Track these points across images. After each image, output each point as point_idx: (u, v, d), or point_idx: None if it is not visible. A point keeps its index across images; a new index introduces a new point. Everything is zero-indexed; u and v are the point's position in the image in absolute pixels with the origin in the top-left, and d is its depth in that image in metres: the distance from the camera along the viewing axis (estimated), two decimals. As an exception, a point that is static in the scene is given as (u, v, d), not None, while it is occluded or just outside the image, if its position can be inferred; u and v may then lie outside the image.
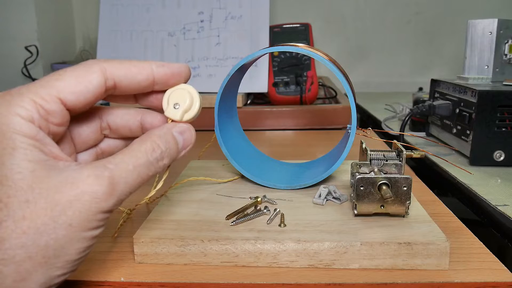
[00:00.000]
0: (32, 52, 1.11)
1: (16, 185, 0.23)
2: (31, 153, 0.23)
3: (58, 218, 0.23)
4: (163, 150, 0.27)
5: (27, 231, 0.23)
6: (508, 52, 0.65)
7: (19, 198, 0.23)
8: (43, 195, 0.23)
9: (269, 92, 0.86)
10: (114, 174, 0.24)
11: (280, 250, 0.33)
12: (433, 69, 1.35)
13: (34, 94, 0.24)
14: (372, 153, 0.39)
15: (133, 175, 0.25)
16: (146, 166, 0.26)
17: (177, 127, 0.29)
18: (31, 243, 0.23)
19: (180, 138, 0.29)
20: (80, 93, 0.26)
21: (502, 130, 0.55)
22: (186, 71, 0.29)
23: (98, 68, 0.26)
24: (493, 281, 0.31)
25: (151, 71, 0.28)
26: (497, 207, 0.44)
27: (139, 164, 0.26)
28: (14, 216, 0.22)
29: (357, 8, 1.34)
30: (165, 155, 0.27)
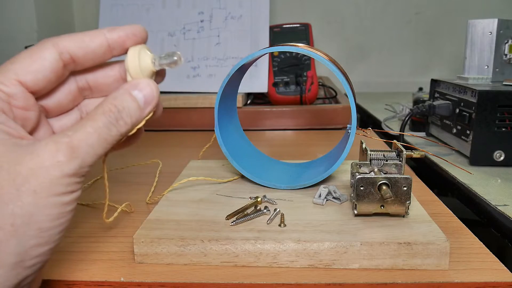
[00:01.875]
0: (32, 52, 1.11)
1: None
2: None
3: (21, 186, 0.23)
4: (120, 109, 0.27)
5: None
6: (508, 52, 0.65)
7: None
8: (5, 168, 0.23)
9: (269, 92, 0.86)
10: (73, 138, 0.25)
11: (280, 250, 0.33)
12: (433, 69, 1.35)
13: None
14: (372, 153, 0.39)
15: (94, 136, 0.25)
16: (106, 127, 0.26)
17: (133, 85, 0.28)
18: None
19: (139, 95, 0.28)
20: (36, 72, 0.26)
21: (502, 130, 0.55)
22: (141, 30, 0.29)
23: (50, 45, 0.27)
24: (493, 281, 0.31)
25: (103, 37, 0.28)
26: (497, 207, 0.44)
27: (98, 126, 0.26)
28: None
29: (357, 8, 1.34)
30: (124, 114, 0.27)
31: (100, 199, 0.47)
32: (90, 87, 0.31)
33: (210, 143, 0.52)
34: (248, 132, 0.52)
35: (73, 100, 0.31)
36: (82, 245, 0.37)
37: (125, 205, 0.43)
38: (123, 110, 0.27)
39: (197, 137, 0.75)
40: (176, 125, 0.81)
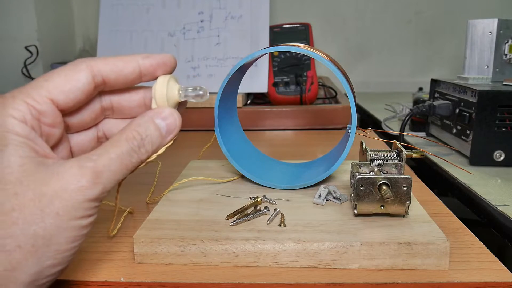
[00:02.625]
0: (32, 52, 1.11)
1: (5, 179, 0.24)
2: (21, 150, 0.24)
3: (46, 208, 0.24)
4: (143, 137, 0.28)
5: (16, 222, 0.23)
6: (508, 52, 0.65)
7: (7, 192, 0.23)
8: (31, 188, 0.24)
9: (269, 92, 0.86)
10: (97, 164, 0.25)
11: (280, 250, 0.33)
12: (433, 69, 1.35)
13: (26, 96, 0.25)
14: (372, 153, 0.39)
15: (116, 163, 0.26)
16: (128, 154, 0.27)
17: (157, 113, 0.29)
18: (20, 232, 0.23)
19: (162, 124, 0.29)
20: (69, 92, 0.27)
21: (502, 130, 0.55)
22: (171, 60, 0.30)
23: (85, 66, 0.27)
24: (493, 281, 0.31)
25: (136, 64, 0.29)
26: (497, 207, 0.44)
27: (121, 152, 0.27)
28: (3, 208, 0.23)
29: (357, 8, 1.34)
30: (146, 142, 0.28)
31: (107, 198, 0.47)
32: (113, 108, 0.32)
33: (210, 143, 0.52)
34: (248, 132, 0.52)
35: (95, 119, 0.31)
36: (82, 245, 0.37)
37: (127, 212, 0.43)
38: (146, 138, 0.28)
39: (197, 137, 0.75)
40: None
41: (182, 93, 0.31)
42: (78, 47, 1.34)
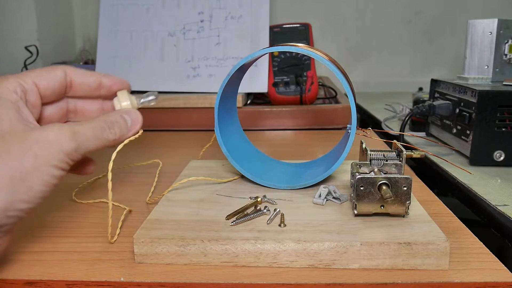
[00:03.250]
0: (32, 52, 1.11)
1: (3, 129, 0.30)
2: (11, 111, 0.31)
3: (26, 150, 0.29)
4: (113, 122, 0.35)
5: (0, 156, 0.28)
6: (508, 52, 0.65)
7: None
8: (16, 135, 0.30)
9: (269, 92, 0.86)
10: (75, 128, 0.32)
11: (280, 250, 0.33)
12: (433, 69, 1.35)
13: (17, 78, 0.33)
14: (372, 153, 0.39)
15: (90, 132, 0.33)
16: (101, 128, 0.34)
17: (124, 110, 0.37)
18: (3, 165, 0.28)
19: (127, 118, 0.36)
20: (48, 80, 0.35)
21: (502, 130, 0.55)
22: (127, 83, 0.39)
23: (60, 68, 0.36)
24: (493, 281, 0.31)
25: (99, 77, 0.38)
26: (497, 207, 0.44)
27: (95, 126, 0.33)
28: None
29: (357, 8, 1.34)
30: (115, 126, 0.35)
31: (100, 198, 0.47)
32: (76, 111, 0.39)
33: (210, 143, 0.52)
34: (248, 132, 0.52)
35: (61, 116, 0.38)
36: (82, 245, 0.37)
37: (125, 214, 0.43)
38: (115, 123, 0.35)
39: (197, 137, 0.75)
40: (176, 125, 0.81)
41: (139, 101, 0.40)
42: (78, 47, 1.34)
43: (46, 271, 0.33)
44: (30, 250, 0.36)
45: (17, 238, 0.38)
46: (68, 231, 0.40)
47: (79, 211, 0.44)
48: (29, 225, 0.41)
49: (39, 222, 0.42)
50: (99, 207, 0.45)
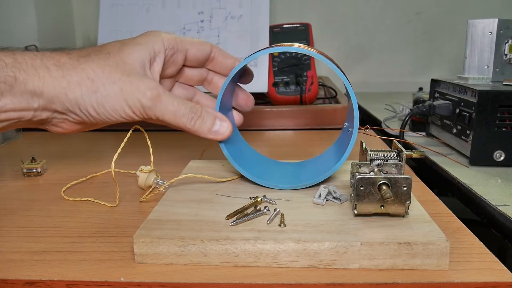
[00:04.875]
0: (32, 52, 1.11)
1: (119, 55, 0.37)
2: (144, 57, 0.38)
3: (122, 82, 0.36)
4: (200, 116, 0.40)
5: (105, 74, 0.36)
6: (508, 52, 0.65)
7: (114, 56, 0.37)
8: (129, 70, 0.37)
9: (269, 92, 0.86)
10: (164, 96, 0.37)
11: (280, 250, 0.33)
12: (433, 69, 1.35)
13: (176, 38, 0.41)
14: (372, 153, 0.39)
15: (172, 107, 0.38)
16: (183, 114, 0.39)
17: (220, 117, 0.41)
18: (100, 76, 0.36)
19: (217, 126, 0.41)
20: (197, 50, 0.43)
21: (502, 130, 0.55)
22: None
23: (210, 44, 0.44)
24: (493, 281, 0.31)
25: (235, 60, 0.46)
26: (497, 207, 0.44)
27: (180, 109, 0.39)
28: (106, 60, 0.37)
29: (357, 8, 1.34)
30: (198, 122, 0.40)
31: (100, 197, 0.47)
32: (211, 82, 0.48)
33: (210, 143, 0.52)
34: (248, 132, 0.53)
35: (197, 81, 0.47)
36: (82, 245, 0.37)
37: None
38: (201, 118, 0.40)
39: (197, 137, 0.74)
40: (176, 125, 0.81)
41: (155, 182, 0.48)
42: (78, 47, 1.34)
43: (46, 271, 0.33)
44: (30, 250, 0.36)
45: (17, 238, 0.38)
46: (68, 231, 0.40)
47: (79, 211, 0.44)
48: (29, 225, 0.41)
49: (39, 222, 0.42)
50: (100, 206, 0.45)
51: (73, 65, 0.35)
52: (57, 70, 0.35)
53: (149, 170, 0.48)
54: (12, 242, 0.38)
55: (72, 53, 0.37)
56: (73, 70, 0.35)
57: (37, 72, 0.34)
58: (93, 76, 0.35)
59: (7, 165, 0.60)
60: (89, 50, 0.37)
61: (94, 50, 0.37)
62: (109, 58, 0.36)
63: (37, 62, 0.34)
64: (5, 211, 0.45)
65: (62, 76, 0.35)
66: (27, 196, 0.49)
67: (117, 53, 0.37)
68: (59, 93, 0.35)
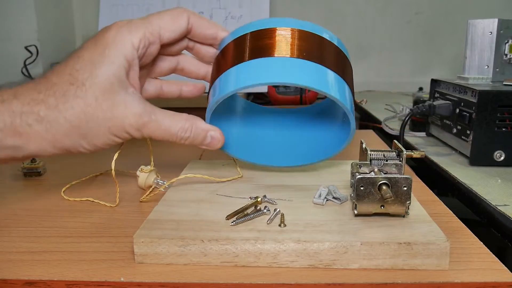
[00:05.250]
0: (32, 52, 1.11)
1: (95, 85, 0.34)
2: (118, 71, 0.35)
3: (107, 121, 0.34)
4: (189, 135, 0.38)
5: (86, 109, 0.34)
6: (508, 52, 0.65)
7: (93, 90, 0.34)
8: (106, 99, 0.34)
9: (269, 92, 0.86)
10: (150, 124, 0.36)
11: (280, 250, 0.33)
12: (433, 69, 1.35)
13: (146, 29, 0.36)
14: (372, 153, 0.39)
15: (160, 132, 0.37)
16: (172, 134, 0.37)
17: (213, 129, 0.40)
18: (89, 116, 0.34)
19: (209, 137, 0.40)
20: (171, 32, 0.38)
21: (502, 130, 0.55)
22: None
23: (186, 16, 0.39)
24: (493, 281, 0.31)
25: (216, 30, 0.41)
26: (497, 207, 0.44)
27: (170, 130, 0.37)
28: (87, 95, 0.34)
29: (357, 8, 1.34)
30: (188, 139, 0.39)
31: (100, 197, 0.47)
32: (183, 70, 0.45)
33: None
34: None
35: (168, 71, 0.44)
36: (82, 245, 0.37)
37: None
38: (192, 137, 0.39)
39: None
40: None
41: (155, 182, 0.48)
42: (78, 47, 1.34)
43: (46, 271, 0.33)
44: (30, 250, 0.36)
45: (17, 238, 0.38)
46: (68, 231, 0.40)
47: (79, 212, 0.44)
48: (29, 225, 0.41)
49: (39, 222, 0.42)
50: (99, 206, 0.45)
51: (55, 118, 0.34)
52: (39, 124, 0.33)
53: (149, 170, 0.48)
54: (12, 242, 0.38)
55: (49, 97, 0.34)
56: (56, 123, 0.34)
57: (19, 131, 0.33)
58: (78, 123, 0.34)
59: (7, 165, 0.60)
60: (62, 82, 0.34)
61: (67, 81, 0.34)
62: (86, 95, 0.34)
63: (17, 121, 0.33)
64: (5, 211, 0.45)
65: (47, 131, 0.34)
66: (27, 196, 0.49)
67: (92, 81, 0.34)
68: (46, 146, 0.34)
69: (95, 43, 0.36)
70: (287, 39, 0.39)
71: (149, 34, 0.36)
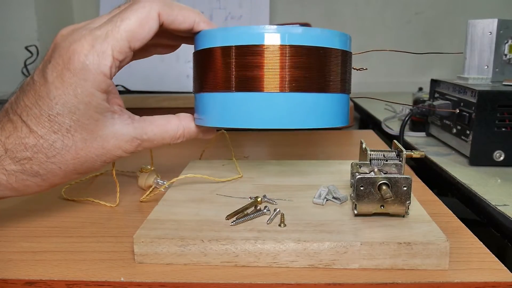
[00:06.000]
0: (32, 52, 1.11)
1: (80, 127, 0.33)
2: (99, 106, 0.33)
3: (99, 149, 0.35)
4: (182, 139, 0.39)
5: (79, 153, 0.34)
6: (508, 52, 0.65)
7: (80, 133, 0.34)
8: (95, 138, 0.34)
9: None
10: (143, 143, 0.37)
11: (280, 250, 0.33)
12: (433, 69, 1.35)
13: (114, 49, 0.33)
14: (372, 153, 0.39)
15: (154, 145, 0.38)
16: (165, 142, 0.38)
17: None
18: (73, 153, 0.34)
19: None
20: (143, 39, 0.34)
21: (502, 130, 0.55)
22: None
23: (156, 15, 0.34)
24: (493, 281, 0.31)
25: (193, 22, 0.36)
26: (497, 207, 0.44)
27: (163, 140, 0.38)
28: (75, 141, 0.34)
29: (357, 8, 1.34)
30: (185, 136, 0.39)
31: (100, 197, 0.47)
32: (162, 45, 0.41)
33: (210, 143, 0.52)
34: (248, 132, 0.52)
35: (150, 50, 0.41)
36: (82, 245, 0.37)
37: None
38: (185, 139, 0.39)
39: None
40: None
41: (155, 182, 0.48)
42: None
43: (46, 271, 0.33)
44: (30, 250, 0.36)
45: (17, 238, 0.38)
46: (68, 231, 0.40)
47: (79, 212, 0.44)
48: (29, 225, 0.41)
49: (39, 222, 0.42)
50: (99, 206, 0.45)
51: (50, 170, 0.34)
52: (35, 178, 0.34)
53: (149, 170, 0.48)
54: (12, 242, 0.38)
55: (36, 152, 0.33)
56: (52, 173, 0.34)
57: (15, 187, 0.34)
58: (72, 168, 0.35)
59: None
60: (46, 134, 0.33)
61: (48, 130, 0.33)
62: (74, 141, 0.33)
63: (13, 179, 0.34)
64: (5, 211, 0.45)
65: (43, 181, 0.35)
66: (27, 196, 0.49)
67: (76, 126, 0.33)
68: (44, 189, 0.36)
69: (62, 78, 0.32)
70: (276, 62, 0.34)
71: (118, 54, 0.33)
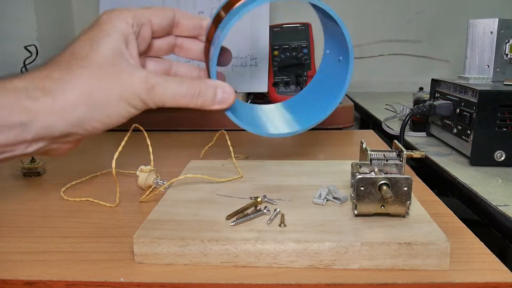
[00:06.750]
0: (32, 52, 1.11)
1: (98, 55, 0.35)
2: (117, 43, 0.35)
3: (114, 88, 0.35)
4: (200, 93, 0.38)
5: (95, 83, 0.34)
6: (508, 52, 0.65)
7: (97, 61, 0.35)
8: (112, 70, 0.35)
9: (269, 92, 0.86)
10: (158, 82, 0.36)
11: (280, 250, 0.33)
12: (433, 69, 1.35)
13: (135, 12, 0.38)
14: (372, 153, 0.39)
15: (170, 92, 0.37)
16: (182, 95, 0.37)
17: (221, 85, 0.39)
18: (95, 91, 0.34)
19: (219, 92, 0.39)
20: (161, 18, 0.40)
21: (502, 130, 0.54)
22: None
23: (171, 9, 0.41)
24: (494, 282, 0.31)
25: (200, 19, 0.43)
26: (498, 207, 0.44)
27: (178, 90, 0.37)
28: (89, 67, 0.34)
29: (357, 8, 1.34)
30: (200, 98, 0.38)
31: (100, 197, 0.47)
32: (182, 47, 0.44)
33: (211, 143, 0.52)
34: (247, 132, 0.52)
35: (166, 50, 0.44)
36: (82, 245, 0.37)
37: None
38: (202, 94, 0.38)
39: (197, 137, 0.75)
40: (176, 125, 0.81)
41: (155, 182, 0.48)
42: None
43: (46, 271, 0.33)
44: (30, 250, 0.36)
45: (17, 238, 0.38)
46: (68, 231, 0.40)
47: (79, 212, 0.44)
48: (29, 225, 0.41)
49: (39, 222, 0.42)
50: (99, 206, 0.45)
51: (62, 88, 0.33)
52: (46, 97, 0.33)
53: (149, 170, 0.48)
54: (12, 242, 0.38)
55: (53, 71, 0.34)
56: (64, 92, 0.33)
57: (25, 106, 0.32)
58: (86, 91, 0.34)
59: (7, 165, 0.60)
60: (65, 59, 0.35)
61: (70, 57, 0.35)
62: (91, 64, 0.34)
63: (22, 96, 0.32)
64: (5, 211, 0.45)
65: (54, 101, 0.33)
66: (27, 196, 0.49)
67: (95, 54, 0.35)
68: (56, 120, 0.33)
69: (90, 27, 0.37)
70: None
71: (140, 15, 0.38)
